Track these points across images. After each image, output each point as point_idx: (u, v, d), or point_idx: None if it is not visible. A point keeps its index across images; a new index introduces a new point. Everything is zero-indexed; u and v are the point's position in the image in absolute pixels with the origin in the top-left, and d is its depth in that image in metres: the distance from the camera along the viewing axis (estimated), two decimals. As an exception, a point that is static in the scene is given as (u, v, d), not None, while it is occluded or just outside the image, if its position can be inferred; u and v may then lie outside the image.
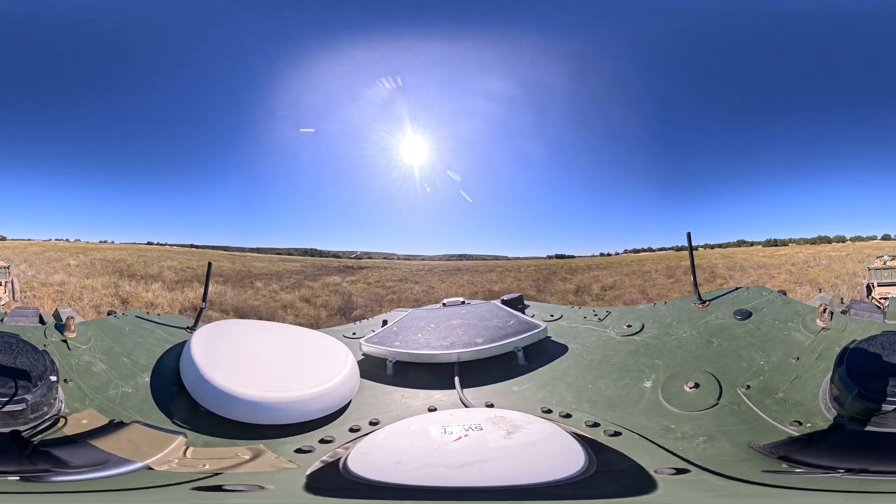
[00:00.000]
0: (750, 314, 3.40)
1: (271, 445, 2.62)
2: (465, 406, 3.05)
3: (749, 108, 6.93)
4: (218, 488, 2.18)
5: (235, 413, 2.81)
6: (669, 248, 8.60)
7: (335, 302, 8.08)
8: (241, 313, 6.92)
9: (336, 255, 9.76)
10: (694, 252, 4.01)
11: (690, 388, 2.87)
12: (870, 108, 6.58)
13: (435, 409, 3.01)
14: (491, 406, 2.99)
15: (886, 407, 2.31)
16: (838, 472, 2.10)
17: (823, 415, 2.51)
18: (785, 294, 3.61)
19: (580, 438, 2.50)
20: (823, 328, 3.00)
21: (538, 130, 7.36)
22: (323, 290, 8.55)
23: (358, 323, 4.87)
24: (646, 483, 2.16)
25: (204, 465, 2.40)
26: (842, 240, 8.62)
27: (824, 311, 3.01)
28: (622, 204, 7.98)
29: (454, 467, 2.27)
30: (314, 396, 2.88)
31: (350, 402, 3.08)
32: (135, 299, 6.80)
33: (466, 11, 6.19)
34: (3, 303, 5.80)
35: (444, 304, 5.08)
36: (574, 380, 3.21)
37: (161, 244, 8.69)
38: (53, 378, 2.50)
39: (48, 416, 2.49)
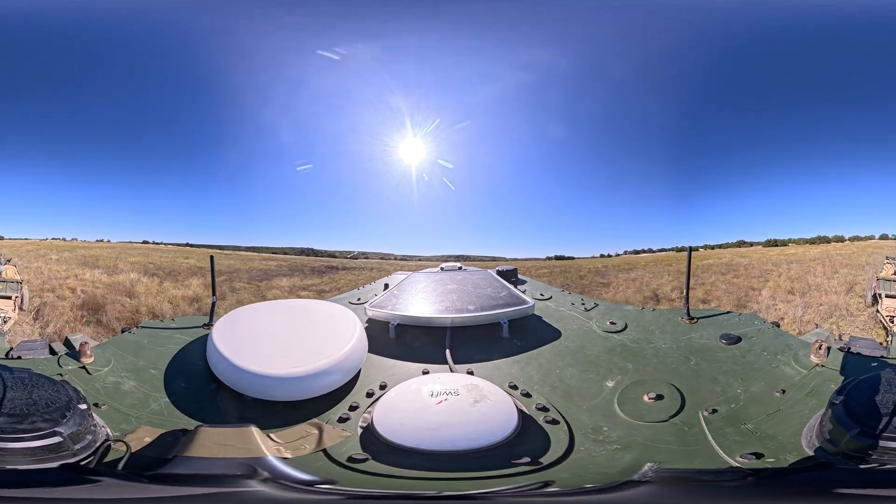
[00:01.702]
0: (738, 340, 3.32)
1: (320, 419, 2.83)
2: (451, 371, 3.17)
3: (747, 107, 6.73)
4: (352, 460, 2.43)
5: (279, 394, 2.92)
6: (669, 250, 8.41)
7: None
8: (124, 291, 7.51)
9: (332, 254, 9.67)
10: (706, 251, 4.06)
11: (651, 398, 2.83)
12: (867, 106, 6.37)
13: (428, 372, 3.14)
14: (471, 373, 3.09)
15: (891, 444, 2.19)
16: None
17: (801, 451, 2.39)
18: (778, 326, 3.54)
19: (521, 415, 2.67)
20: (818, 364, 2.89)
21: (565, 112, 7.05)
22: (242, 292, 8.40)
23: (361, 288, 5.07)
24: (502, 465, 2.36)
25: (305, 447, 2.57)
26: (840, 239, 8.49)
27: (820, 347, 2.91)
28: (621, 204, 7.80)
29: (429, 429, 2.53)
30: (337, 363, 3.01)
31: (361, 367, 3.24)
32: (73, 275, 7.90)
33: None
34: (12, 322, 5.79)
35: (441, 269, 5.15)
36: (546, 362, 3.27)
37: (156, 243, 8.74)
38: (83, 406, 2.45)
39: (97, 443, 2.45)
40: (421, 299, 4.04)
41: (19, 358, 3.14)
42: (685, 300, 3.88)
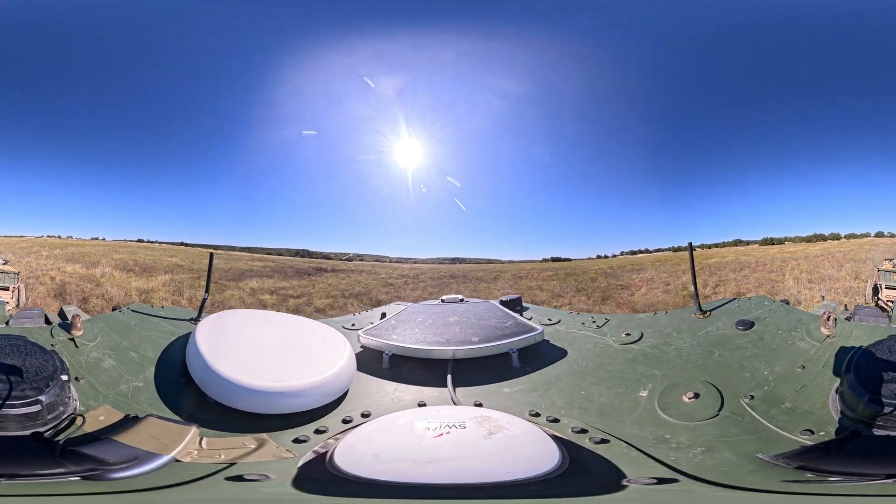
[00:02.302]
0: (752, 324, 3.32)
1: (273, 435, 2.67)
2: (455, 403, 3.02)
3: (738, 106, 6.81)
4: (240, 478, 2.27)
5: (241, 403, 2.84)
6: (666, 249, 8.40)
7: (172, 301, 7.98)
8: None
9: (327, 256, 9.55)
10: (705, 250, 4.13)
11: (689, 398, 2.78)
12: (864, 103, 6.47)
13: (424, 405, 3.00)
14: (479, 405, 2.94)
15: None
16: (871, 479, 2.03)
17: (836, 422, 2.42)
18: (788, 303, 3.58)
19: (560, 441, 2.47)
20: (829, 336, 2.93)
21: (545, 130, 7.19)
22: (200, 290, 8.18)
23: (357, 314, 4.94)
24: (612, 487, 2.13)
25: (220, 456, 2.47)
26: (836, 237, 8.57)
27: (828, 318, 2.95)
28: (617, 204, 7.82)
29: (421, 463, 2.28)
30: (314, 386, 2.90)
31: (346, 392, 3.11)
32: (55, 268, 8.25)
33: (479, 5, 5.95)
34: (9, 308, 5.93)
35: (442, 301, 5.08)
36: (567, 385, 3.16)
37: (151, 241, 8.64)
38: (65, 378, 2.52)
39: (65, 415, 2.50)
40: (419, 330, 3.84)
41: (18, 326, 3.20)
42: (695, 295, 3.87)
